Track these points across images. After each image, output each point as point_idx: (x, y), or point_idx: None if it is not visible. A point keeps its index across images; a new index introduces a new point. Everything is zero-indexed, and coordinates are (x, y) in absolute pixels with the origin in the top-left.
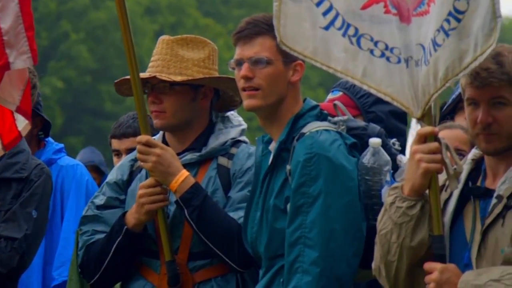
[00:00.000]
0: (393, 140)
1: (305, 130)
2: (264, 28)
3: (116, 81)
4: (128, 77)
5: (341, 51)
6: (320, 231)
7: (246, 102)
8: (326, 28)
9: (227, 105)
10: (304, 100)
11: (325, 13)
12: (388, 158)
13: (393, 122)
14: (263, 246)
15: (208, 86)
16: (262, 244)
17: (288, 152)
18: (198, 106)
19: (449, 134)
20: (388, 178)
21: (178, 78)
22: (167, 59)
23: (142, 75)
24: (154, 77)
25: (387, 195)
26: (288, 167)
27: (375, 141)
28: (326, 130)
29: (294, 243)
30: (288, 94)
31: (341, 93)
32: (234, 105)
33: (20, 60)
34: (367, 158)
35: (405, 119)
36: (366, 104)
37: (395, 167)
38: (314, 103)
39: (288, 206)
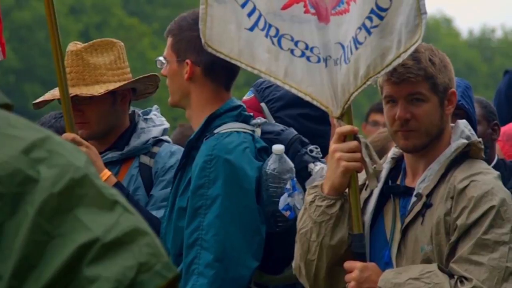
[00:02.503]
0: (312, 147)
1: (217, 130)
2: (169, 28)
3: (34, 102)
4: (47, 98)
5: (265, 51)
6: (216, 234)
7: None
8: (251, 29)
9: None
10: (229, 99)
11: (249, 14)
12: (291, 165)
13: (307, 125)
14: (170, 243)
15: (126, 87)
16: (169, 240)
17: (198, 151)
18: (119, 109)
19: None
20: (289, 185)
21: (97, 89)
22: (80, 70)
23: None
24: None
25: (307, 194)
26: (193, 166)
27: (277, 148)
28: (237, 132)
29: (191, 245)
30: (191, 91)
31: (252, 95)
32: (147, 94)
33: None
34: (268, 164)
35: (324, 120)
36: (272, 109)
37: (306, 174)
38: (237, 103)
39: (188, 206)
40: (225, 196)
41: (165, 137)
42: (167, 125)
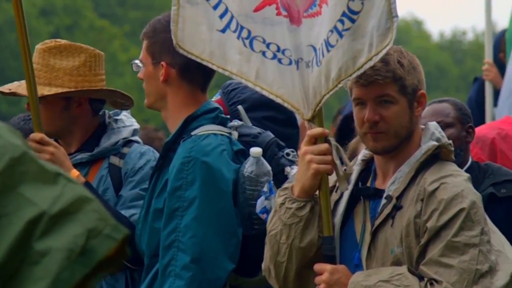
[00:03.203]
0: (288, 150)
1: (195, 132)
2: (145, 31)
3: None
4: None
5: (236, 53)
6: (193, 236)
7: None
8: (223, 30)
9: (119, 106)
10: (206, 102)
11: (221, 16)
12: (268, 168)
13: (272, 127)
14: (145, 244)
15: (80, 96)
16: (144, 242)
17: (175, 153)
18: (73, 114)
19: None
20: (265, 188)
21: (46, 90)
22: (38, 68)
23: (8, 86)
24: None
25: (277, 196)
26: (170, 167)
27: (255, 150)
28: (214, 134)
29: (168, 246)
30: (167, 93)
31: (219, 96)
32: (126, 107)
33: None
34: (246, 167)
35: (291, 123)
36: (236, 112)
37: (283, 178)
38: (214, 105)
39: (165, 207)
40: (202, 198)
41: (135, 138)
42: (137, 126)
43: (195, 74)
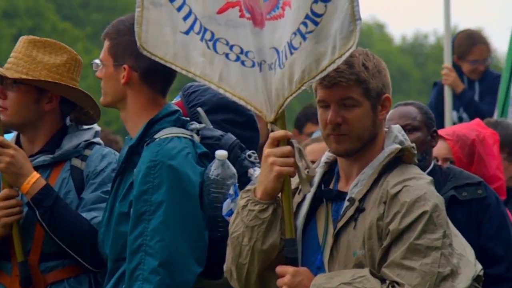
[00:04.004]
0: (249, 152)
1: (158, 135)
2: (107, 31)
3: None
4: None
5: (200, 55)
6: (160, 240)
7: None
8: (187, 32)
9: (83, 120)
10: (166, 104)
11: (185, 18)
12: (234, 171)
13: (232, 130)
14: (108, 248)
15: (54, 92)
16: (107, 245)
17: (139, 156)
18: (42, 109)
19: (318, 147)
20: (231, 191)
21: (18, 75)
22: (19, 57)
23: None
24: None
25: (239, 198)
26: (135, 171)
27: (220, 153)
28: (178, 137)
29: (135, 250)
30: (127, 95)
31: (180, 99)
32: (91, 121)
33: None
34: (211, 170)
35: (251, 126)
36: (196, 114)
37: (246, 180)
38: (175, 108)
39: (131, 211)
40: (169, 202)
41: (97, 140)
42: (98, 128)
43: (157, 78)
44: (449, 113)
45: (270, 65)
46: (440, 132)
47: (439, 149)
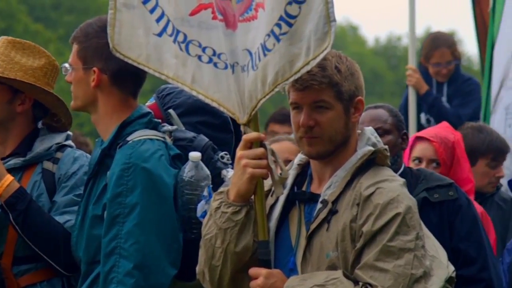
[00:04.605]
0: (222, 153)
1: (130, 138)
2: (75, 35)
3: None
4: None
5: (173, 57)
6: (135, 242)
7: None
8: (159, 34)
9: (55, 127)
10: (138, 107)
11: (158, 20)
12: (208, 173)
13: (206, 132)
14: (82, 251)
15: (28, 94)
16: (81, 248)
17: (112, 158)
18: (14, 110)
19: (278, 147)
20: (205, 192)
21: None
22: None
23: None
24: None
25: (212, 200)
26: (108, 174)
27: (194, 155)
28: (151, 139)
29: (109, 253)
30: (98, 98)
31: (154, 101)
32: (63, 129)
33: None
34: (185, 171)
35: (226, 128)
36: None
37: (220, 181)
38: (146, 110)
39: (105, 214)
40: (143, 204)
41: (69, 142)
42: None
43: (127, 81)
44: (413, 114)
45: (243, 67)
46: (421, 133)
47: (425, 150)
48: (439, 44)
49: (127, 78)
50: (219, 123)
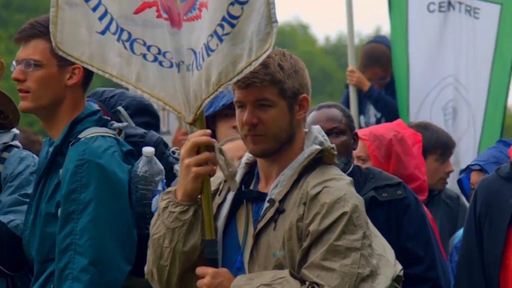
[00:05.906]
0: (173, 148)
1: (82, 135)
2: (39, 30)
3: None
4: None
5: (117, 56)
6: (90, 238)
7: (19, 105)
8: (102, 33)
9: (1, 124)
10: (87, 104)
11: (101, 18)
12: (161, 167)
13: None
14: (35, 250)
15: None
16: (33, 247)
17: (64, 156)
18: None
19: (232, 146)
20: (160, 187)
21: None
22: None
23: None
24: None
25: (160, 199)
26: (61, 171)
27: (148, 150)
28: (103, 136)
29: (64, 249)
30: (66, 97)
31: (96, 105)
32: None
33: None
34: (139, 166)
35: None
36: (117, 116)
37: (172, 176)
38: (95, 108)
39: (59, 211)
40: (98, 200)
41: (15, 143)
42: (16, 131)
43: (89, 78)
44: (355, 113)
45: (188, 66)
46: (357, 132)
47: (358, 148)
48: (372, 64)
49: (89, 76)
50: (158, 123)
